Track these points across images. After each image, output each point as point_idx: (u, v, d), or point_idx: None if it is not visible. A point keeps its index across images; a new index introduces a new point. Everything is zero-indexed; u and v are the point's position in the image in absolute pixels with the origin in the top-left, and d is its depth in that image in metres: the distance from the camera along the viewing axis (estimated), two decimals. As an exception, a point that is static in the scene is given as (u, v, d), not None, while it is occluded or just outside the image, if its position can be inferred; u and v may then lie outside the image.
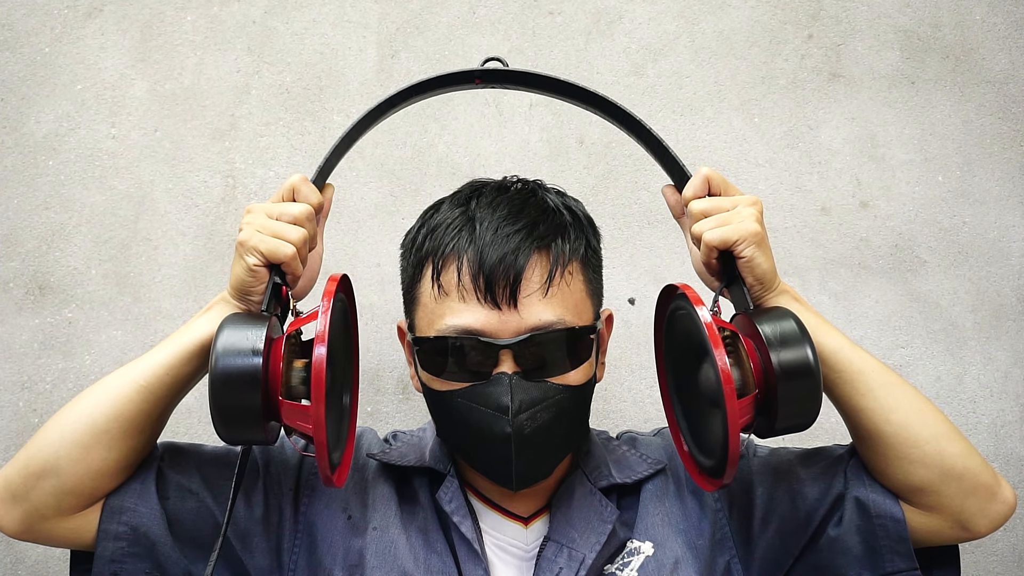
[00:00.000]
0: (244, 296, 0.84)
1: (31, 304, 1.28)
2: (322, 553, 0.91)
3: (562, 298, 0.87)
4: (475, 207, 0.90)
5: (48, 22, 1.33)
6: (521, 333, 0.85)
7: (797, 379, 0.76)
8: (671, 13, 1.35)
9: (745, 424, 0.78)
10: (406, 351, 0.99)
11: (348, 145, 0.91)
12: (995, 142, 1.33)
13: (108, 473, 0.84)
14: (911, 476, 0.87)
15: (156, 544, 0.86)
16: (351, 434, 0.87)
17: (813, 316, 0.88)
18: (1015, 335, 1.31)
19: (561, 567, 0.88)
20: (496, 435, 0.83)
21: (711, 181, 0.87)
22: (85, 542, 0.87)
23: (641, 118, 0.91)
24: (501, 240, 0.86)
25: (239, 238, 0.83)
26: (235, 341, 0.75)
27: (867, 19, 1.35)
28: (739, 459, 0.76)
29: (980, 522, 0.88)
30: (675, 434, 0.90)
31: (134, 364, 0.85)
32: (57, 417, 0.85)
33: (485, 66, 0.90)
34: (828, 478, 0.93)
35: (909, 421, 0.86)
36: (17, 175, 1.30)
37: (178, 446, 0.93)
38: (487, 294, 0.85)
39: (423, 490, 0.94)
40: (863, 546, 0.89)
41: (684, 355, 0.84)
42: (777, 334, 0.78)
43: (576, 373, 0.88)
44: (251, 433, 0.76)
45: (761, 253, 0.84)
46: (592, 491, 0.93)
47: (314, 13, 1.34)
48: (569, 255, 0.89)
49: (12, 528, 0.85)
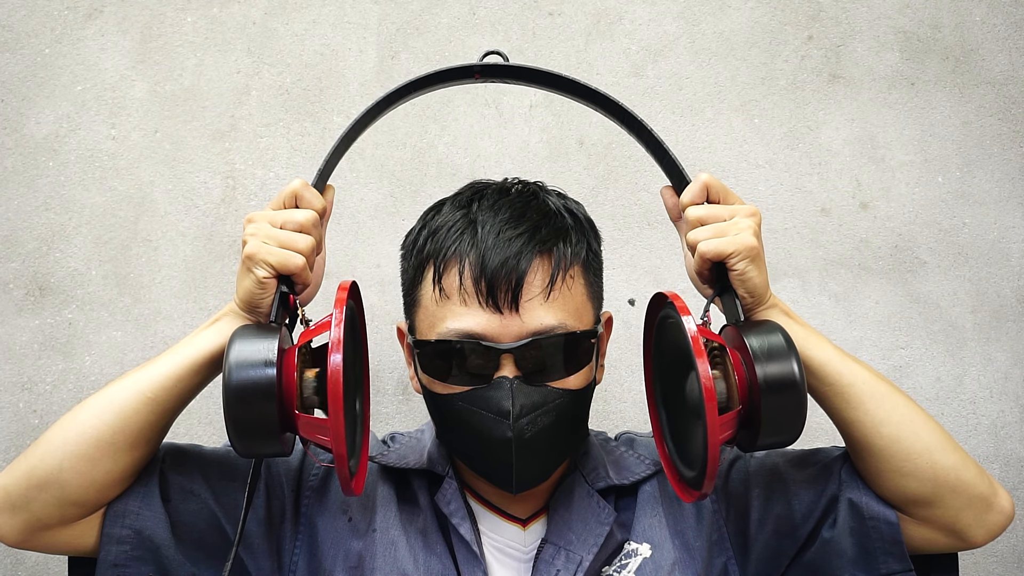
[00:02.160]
0: (253, 308, 0.83)
1: (31, 305, 1.28)
2: (323, 554, 0.91)
3: (563, 302, 0.87)
4: (477, 210, 0.90)
5: (48, 23, 1.33)
6: (523, 337, 0.85)
7: (781, 393, 0.76)
8: (671, 14, 1.35)
9: (727, 439, 0.78)
10: (405, 352, 0.99)
11: (348, 144, 0.90)
12: (995, 143, 1.33)
13: (112, 484, 0.84)
14: (904, 488, 0.86)
15: (160, 547, 0.86)
16: (365, 440, 0.86)
17: (802, 329, 0.87)
18: (1015, 336, 1.31)
19: (559, 569, 0.88)
20: (497, 439, 0.83)
21: (710, 188, 0.86)
22: (86, 548, 0.86)
23: (641, 117, 0.90)
24: (503, 244, 0.86)
25: (246, 251, 0.81)
26: (248, 353, 0.74)
27: (867, 20, 1.35)
28: (717, 472, 0.75)
29: (976, 533, 0.87)
30: (658, 442, 0.90)
31: (139, 375, 0.84)
32: (59, 427, 0.83)
33: (485, 60, 0.89)
34: (823, 480, 0.93)
35: (901, 433, 0.85)
36: (17, 176, 1.31)
37: (179, 448, 0.92)
38: (489, 298, 0.85)
39: (422, 492, 0.94)
40: (857, 548, 0.89)
41: (671, 364, 0.84)
42: (764, 348, 0.77)
43: (576, 377, 0.88)
44: (267, 445, 0.75)
45: (755, 267, 0.82)
46: (590, 493, 0.93)
47: (314, 14, 1.34)
48: (571, 259, 0.89)
49: (12, 538, 0.84)
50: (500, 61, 0.90)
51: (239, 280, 0.83)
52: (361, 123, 0.89)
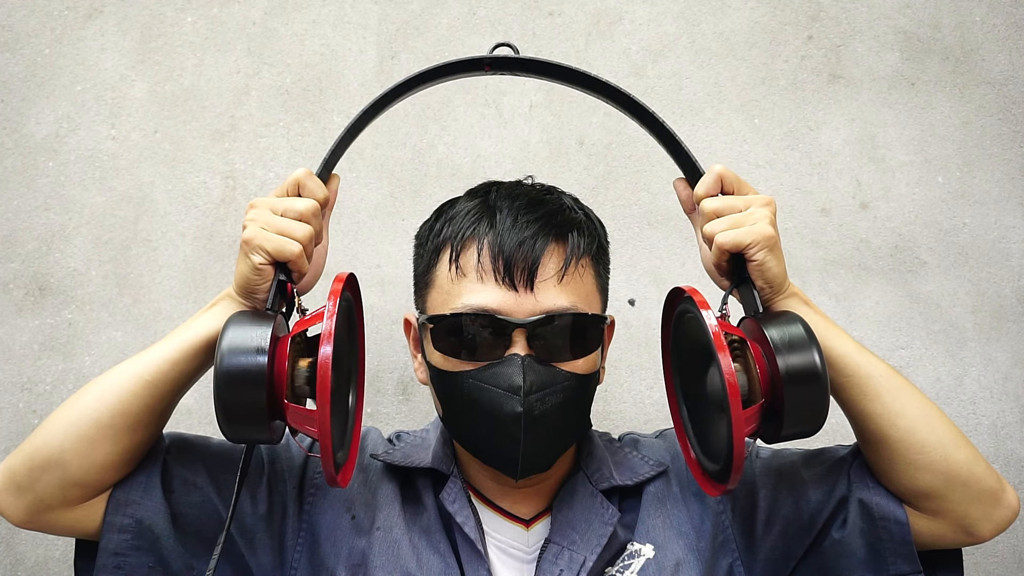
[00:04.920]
0: (249, 294, 0.84)
1: (31, 305, 1.28)
2: (325, 552, 0.91)
3: (575, 287, 0.89)
4: (494, 198, 0.92)
5: (48, 23, 1.33)
6: (536, 314, 0.86)
7: (804, 385, 0.76)
8: (671, 14, 1.35)
9: (751, 432, 0.78)
10: (411, 345, 0.99)
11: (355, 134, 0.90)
12: (995, 143, 1.33)
13: (113, 466, 0.85)
14: (917, 481, 0.87)
15: (160, 538, 0.87)
16: (356, 433, 0.87)
17: (822, 320, 0.87)
18: (1015, 336, 1.31)
19: (562, 569, 0.88)
20: (507, 414, 0.84)
21: (724, 179, 0.86)
22: (89, 531, 0.87)
23: (652, 109, 0.90)
24: (521, 226, 0.88)
25: (244, 236, 0.82)
26: (240, 340, 0.75)
27: (867, 20, 1.35)
28: (743, 466, 0.75)
29: (984, 527, 0.88)
30: (681, 437, 0.90)
31: (138, 359, 0.85)
32: (62, 410, 0.85)
33: (495, 52, 0.89)
34: (831, 480, 0.93)
35: (916, 426, 0.86)
36: (17, 176, 1.31)
37: (185, 439, 0.93)
38: (505, 275, 0.87)
39: (427, 491, 0.94)
40: (866, 549, 0.89)
41: (691, 359, 0.84)
42: (785, 339, 0.77)
43: (584, 362, 0.89)
44: (255, 432, 0.76)
45: (773, 257, 0.83)
46: (593, 493, 0.93)
47: (314, 14, 1.34)
48: (583, 249, 0.91)
49: (17, 518, 0.86)
50: (510, 53, 0.90)
51: (237, 264, 0.84)
52: (368, 114, 0.89)
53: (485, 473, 0.95)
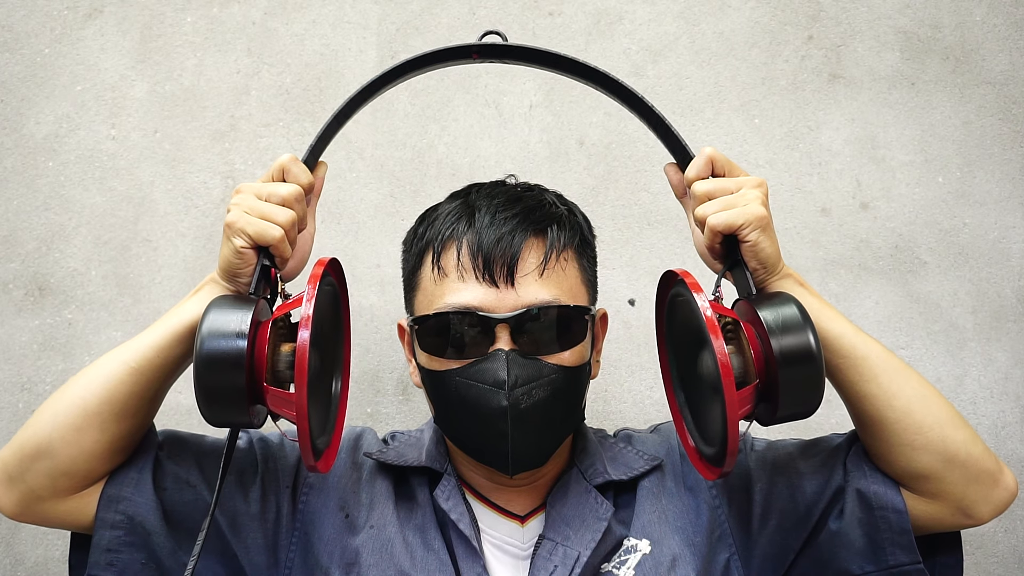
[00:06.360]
0: (233, 278, 0.84)
1: (31, 305, 1.28)
2: (319, 551, 0.91)
3: (557, 281, 0.89)
4: (474, 198, 0.93)
5: (48, 23, 1.33)
6: (517, 309, 0.86)
7: (798, 365, 0.75)
8: (671, 14, 1.35)
9: (746, 414, 0.77)
10: (406, 349, 1.00)
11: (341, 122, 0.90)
12: (995, 143, 1.33)
13: (101, 455, 0.85)
14: (914, 462, 0.86)
15: (151, 534, 0.87)
16: (339, 420, 0.86)
17: (817, 301, 0.87)
18: (1015, 336, 1.30)
19: (556, 565, 0.88)
20: (493, 410, 0.84)
21: (715, 161, 0.86)
22: (82, 524, 0.88)
23: (641, 94, 0.90)
24: (499, 223, 0.89)
25: (227, 219, 0.82)
26: (221, 324, 0.75)
27: (867, 20, 1.35)
28: (739, 449, 0.75)
29: (982, 508, 0.88)
30: (677, 421, 0.89)
31: (125, 346, 0.86)
32: (51, 400, 0.85)
33: (483, 40, 0.89)
34: (827, 470, 0.92)
35: (913, 407, 0.85)
36: (17, 176, 1.31)
37: (179, 436, 0.93)
38: (485, 272, 0.87)
39: (421, 489, 0.94)
40: (865, 539, 0.89)
41: (685, 342, 0.84)
42: (778, 320, 0.77)
43: (571, 354, 0.89)
44: (235, 416, 0.75)
45: (766, 237, 0.83)
46: (587, 488, 0.93)
47: (314, 14, 1.34)
48: (564, 242, 0.91)
49: (9, 509, 0.86)
50: (499, 41, 0.89)
51: (220, 249, 0.85)
52: (355, 102, 0.89)
53: (479, 471, 0.95)
